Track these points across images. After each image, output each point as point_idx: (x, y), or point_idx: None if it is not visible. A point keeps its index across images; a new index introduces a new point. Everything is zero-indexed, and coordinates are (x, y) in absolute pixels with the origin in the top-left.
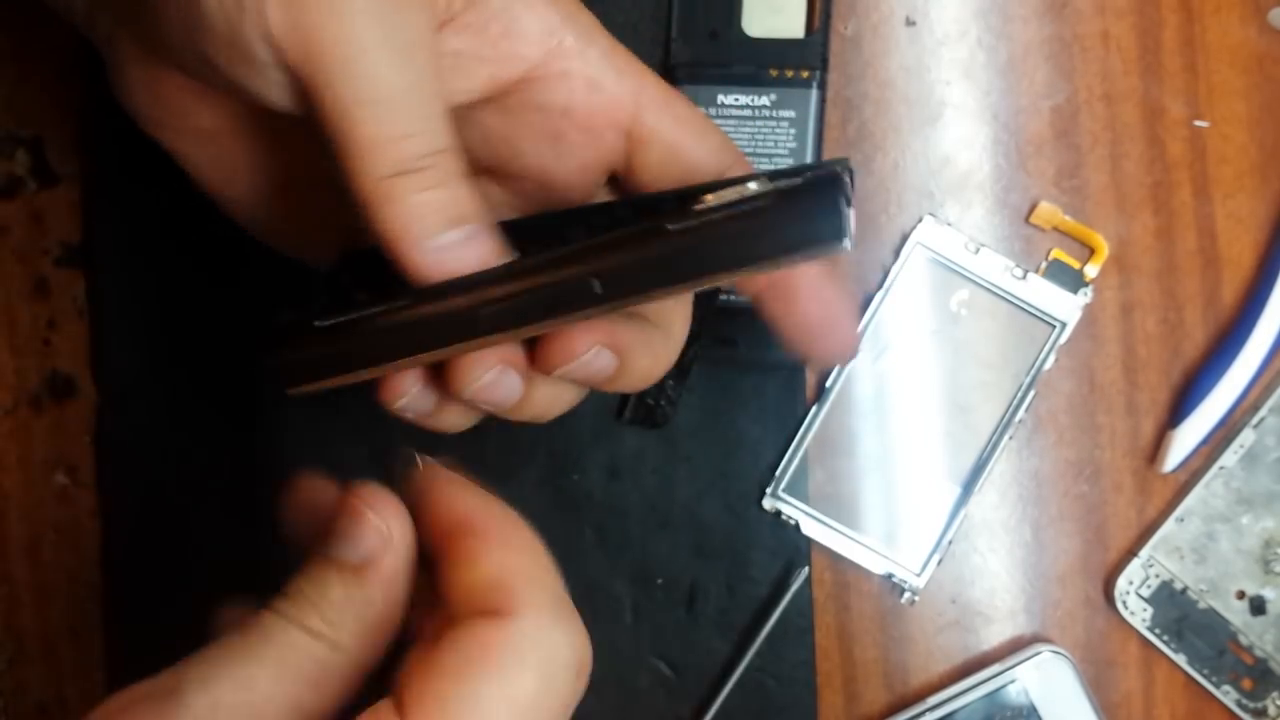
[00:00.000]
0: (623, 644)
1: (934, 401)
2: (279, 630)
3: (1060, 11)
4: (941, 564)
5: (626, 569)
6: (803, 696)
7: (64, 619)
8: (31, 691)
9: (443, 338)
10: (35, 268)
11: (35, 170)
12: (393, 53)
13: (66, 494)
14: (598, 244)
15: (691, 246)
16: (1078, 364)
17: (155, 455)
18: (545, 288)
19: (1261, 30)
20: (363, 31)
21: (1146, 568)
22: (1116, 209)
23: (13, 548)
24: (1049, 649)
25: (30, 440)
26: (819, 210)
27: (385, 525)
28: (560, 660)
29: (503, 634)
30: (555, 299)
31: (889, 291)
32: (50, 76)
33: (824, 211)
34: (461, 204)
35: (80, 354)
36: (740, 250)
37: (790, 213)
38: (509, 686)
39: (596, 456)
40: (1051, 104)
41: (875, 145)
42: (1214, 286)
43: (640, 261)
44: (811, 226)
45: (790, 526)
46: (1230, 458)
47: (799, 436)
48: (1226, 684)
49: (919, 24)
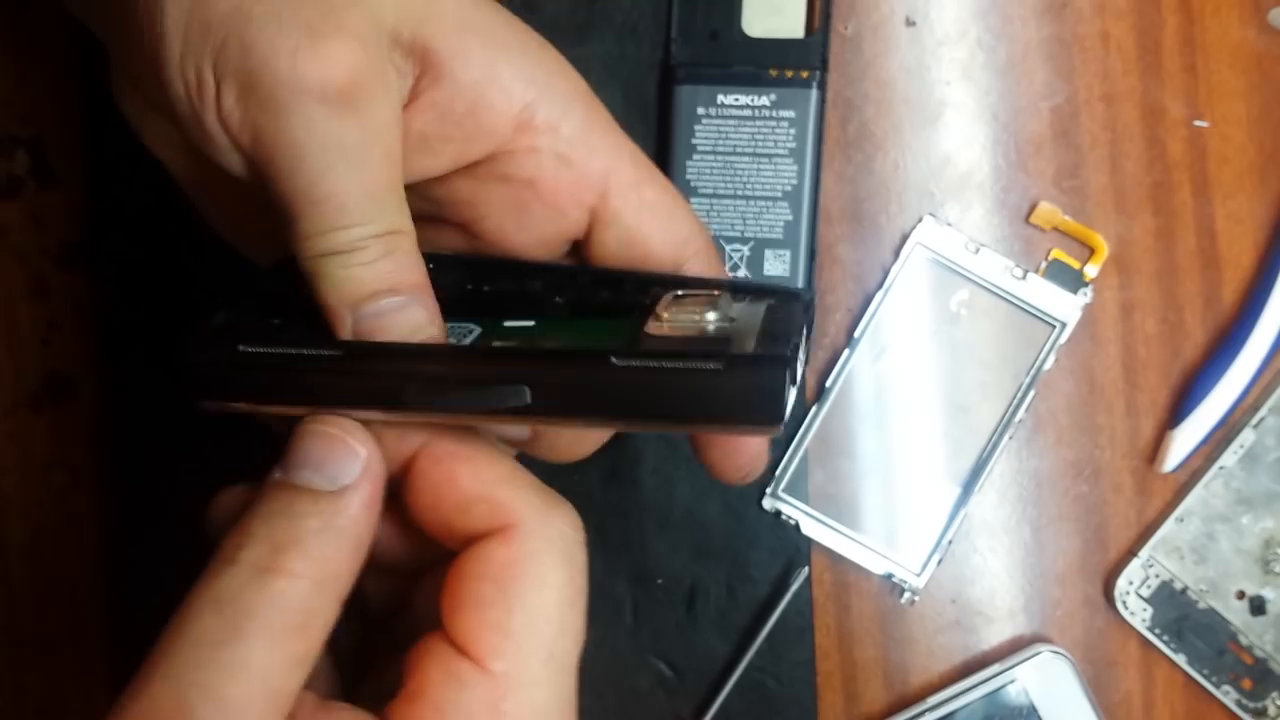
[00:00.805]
0: (623, 644)
1: (934, 402)
2: (254, 589)
3: (1060, 12)
4: (941, 564)
5: (626, 569)
6: (803, 696)
7: (64, 619)
8: (31, 691)
9: (361, 400)
10: (35, 268)
11: (35, 170)
12: (342, 155)
13: (66, 494)
14: (541, 352)
15: (631, 388)
16: (1077, 364)
17: (155, 455)
18: (477, 378)
19: (1261, 30)
20: (313, 136)
21: (1146, 568)
22: (1116, 209)
23: (13, 548)
24: (1049, 649)
25: (30, 440)
26: (761, 394)
27: (360, 449)
28: (570, 539)
29: (518, 545)
30: (483, 393)
31: (889, 291)
32: (50, 76)
33: (766, 397)
34: (398, 275)
35: (80, 354)
36: (676, 408)
37: (733, 388)
38: (549, 587)
39: (596, 457)
40: (1051, 104)
41: (875, 145)
42: (1214, 287)
43: (577, 387)
44: (750, 408)
45: (790, 526)
46: (1230, 458)
47: (799, 436)
48: (1226, 684)
49: (919, 24)
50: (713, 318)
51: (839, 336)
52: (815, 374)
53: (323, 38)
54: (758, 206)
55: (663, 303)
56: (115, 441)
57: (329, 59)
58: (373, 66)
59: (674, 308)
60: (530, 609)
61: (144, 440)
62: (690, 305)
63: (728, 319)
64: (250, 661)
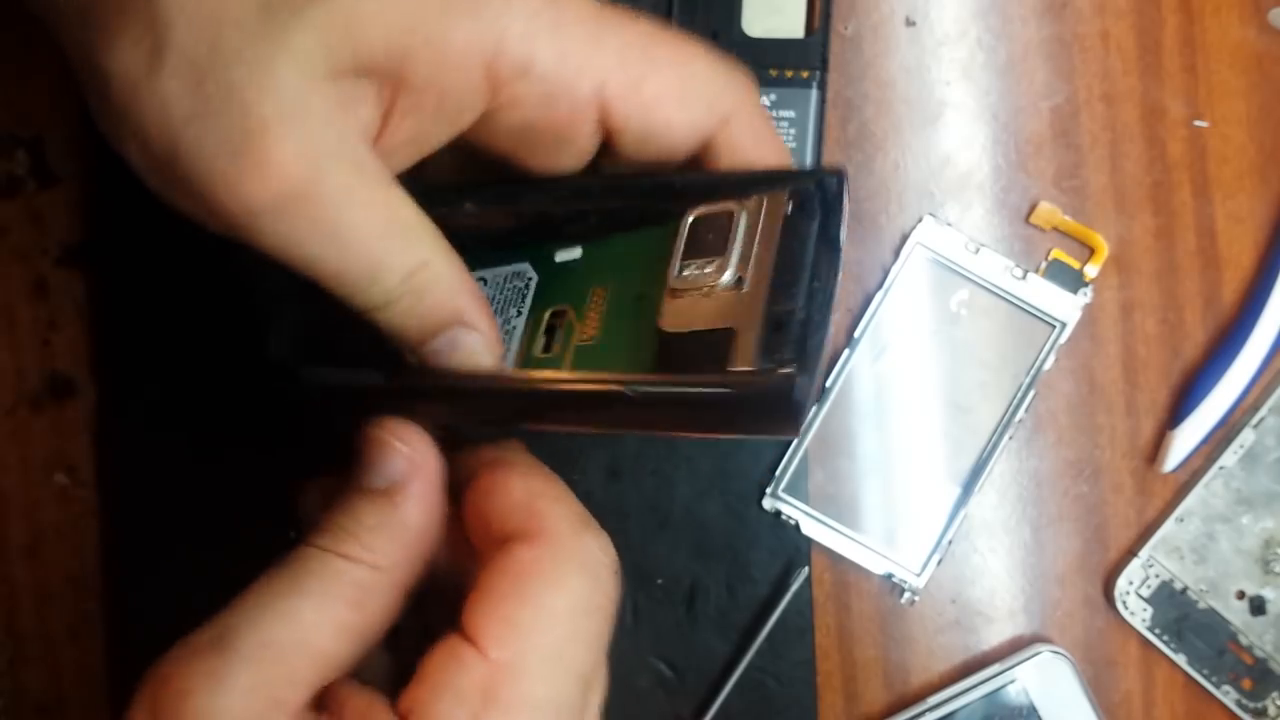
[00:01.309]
0: (623, 644)
1: (934, 402)
2: (317, 561)
3: (1060, 12)
4: (941, 564)
5: (626, 569)
6: (803, 696)
7: (64, 619)
8: (31, 691)
9: (439, 417)
10: (35, 268)
11: (35, 170)
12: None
13: (66, 494)
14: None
15: (647, 412)
16: (1077, 364)
17: (155, 455)
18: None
19: (1261, 30)
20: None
21: (1146, 568)
22: (1116, 209)
23: (13, 548)
24: (1049, 649)
25: (30, 440)
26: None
27: (410, 449)
28: (597, 560)
29: (544, 550)
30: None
31: (889, 291)
32: (50, 76)
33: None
34: (440, 309)
35: (80, 354)
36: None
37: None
38: (565, 592)
39: (596, 457)
40: (1051, 104)
41: (875, 145)
42: (1214, 286)
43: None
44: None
45: (790, 526)
46: (1230, 458)
47: (799, 436)
48: (1226, 684)
49: (919, 24)
50: (726, 280)
51: (839, 336)
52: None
53: (248, 159)
54: None
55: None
56: (115, 441)
57: (263, 179)
58: (316, 152)
59: (689, 268)
60: (542, 607)
61: (144, 440)
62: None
63: (738, 280)
64: (299, 616)
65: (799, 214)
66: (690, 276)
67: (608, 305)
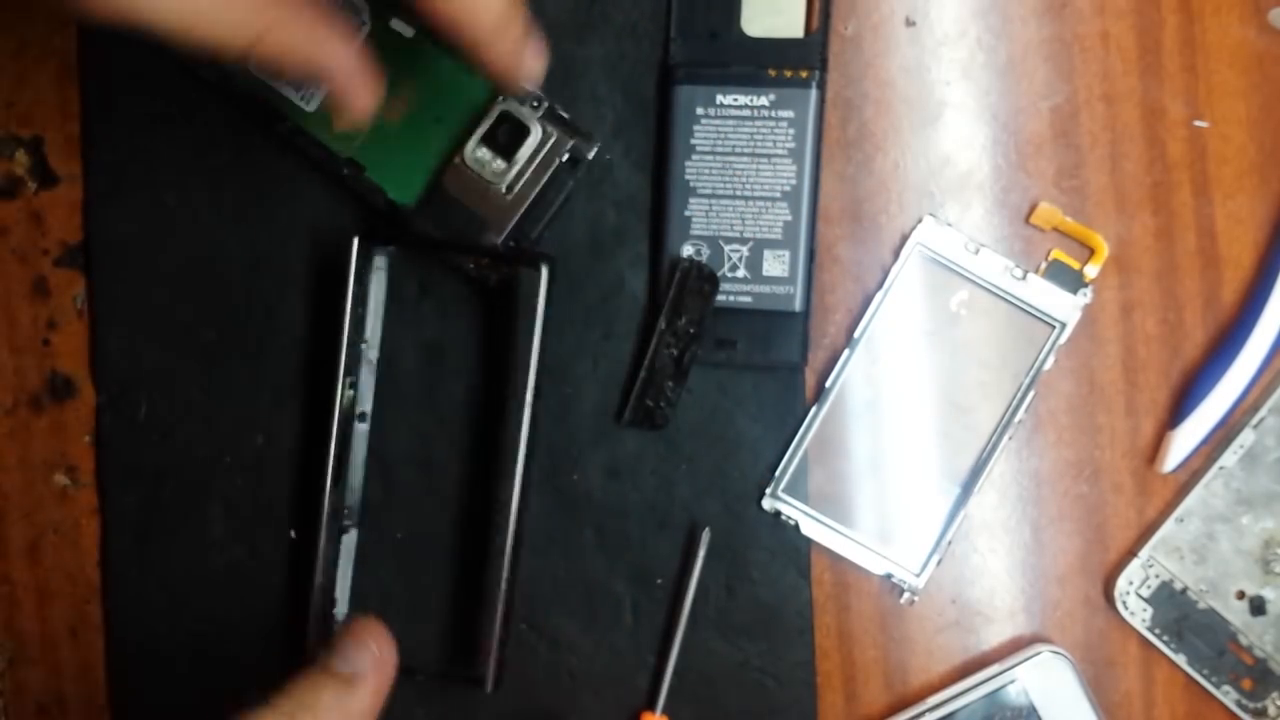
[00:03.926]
0: (623, 644)
1: (934, 402)
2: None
3: (1060, 12)
4: (941, 564)
5: (626, 569)
6: (803, 696)
7: (64, 619)
8: (31, 691)
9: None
10: (35, 268)
11: (35, 170)
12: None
13: (66, 494)
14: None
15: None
16: (1077, 364)
17: (155, 455)
18: None
19: (1261, 30)
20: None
21: (1146, 568)
22: (1116, 209)
23: (13, 548)
24: (1049, 649)
25: (30, 440)
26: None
27: (377, 649)
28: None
29: None
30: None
31: (889, 292)
32: (50, 76)
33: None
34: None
35: (80, 354)
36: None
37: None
38: None
39: (596, 457)
40: (1051, 104)
41: (875, 145)
42: (1214, 286)
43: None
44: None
45: (790, 526)
46: (1230, 458)
47: (798, 437)
48: (1226, 684)
49: (919, 24)
50: (503, 185)
51: (839, 337)
52: (815, 374)
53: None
54: (757, 207)
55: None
56: (115, 442)
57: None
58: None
59: (481, 150)
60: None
61: (144, 440)
62: (491, 158)
63: (509, 188)
64: None
65: (565, 168)
66: (480, 158)
67: (411, 108)
